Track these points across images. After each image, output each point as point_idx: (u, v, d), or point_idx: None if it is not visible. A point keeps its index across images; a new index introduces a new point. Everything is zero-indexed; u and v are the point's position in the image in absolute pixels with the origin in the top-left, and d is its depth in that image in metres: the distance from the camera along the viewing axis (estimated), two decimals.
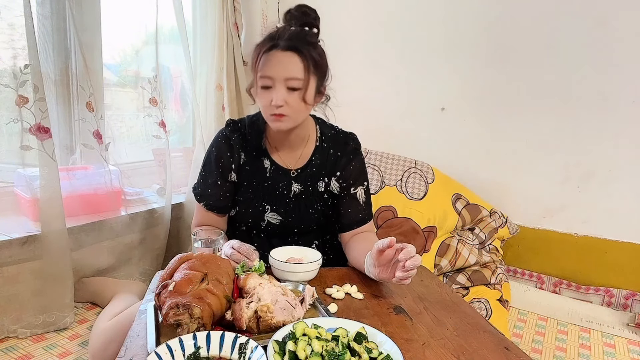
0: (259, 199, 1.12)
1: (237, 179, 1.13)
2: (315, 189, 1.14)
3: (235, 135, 1.12)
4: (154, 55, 1.77)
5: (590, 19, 1.77)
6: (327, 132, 1.16)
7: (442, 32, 2.09)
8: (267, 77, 0.97)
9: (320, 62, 1.01)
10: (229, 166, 1.12)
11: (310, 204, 1.14)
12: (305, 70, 0.98)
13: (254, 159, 1.12)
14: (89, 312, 1.50)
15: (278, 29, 1.00)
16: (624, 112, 1.76)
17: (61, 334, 1.36)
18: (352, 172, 1.14)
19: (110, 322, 1.20)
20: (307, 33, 1.01)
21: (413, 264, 0.81)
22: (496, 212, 1.89)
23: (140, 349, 0.66)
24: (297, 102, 0.99)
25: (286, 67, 0.96)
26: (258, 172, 1.12)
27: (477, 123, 2.06)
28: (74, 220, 1.50)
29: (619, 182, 1.80)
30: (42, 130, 1.31)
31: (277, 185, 1.12)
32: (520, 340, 1.52)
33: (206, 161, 1.15)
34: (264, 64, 0.98)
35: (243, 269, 0.87)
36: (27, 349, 1.26)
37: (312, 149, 1.14)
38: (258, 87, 1.01)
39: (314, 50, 0.99)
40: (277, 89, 0.97)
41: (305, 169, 1.13)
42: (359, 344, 0.64)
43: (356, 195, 1.15)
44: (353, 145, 1.17)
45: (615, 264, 1.82)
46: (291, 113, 0.99)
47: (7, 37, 1.38)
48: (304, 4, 1.02)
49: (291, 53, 0.96)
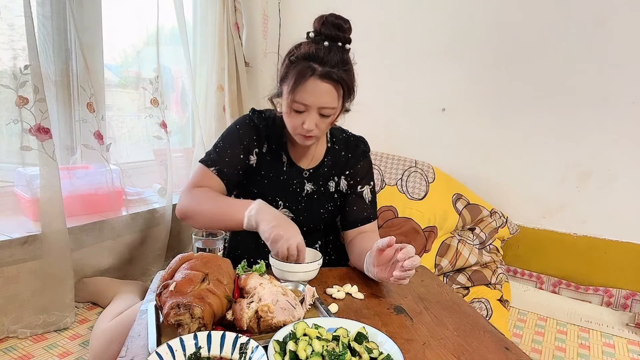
0: (273, 193, 1.13)
1: (256, 165, 1.12)
2: (326, 188, 1.16)
3: (263, 124, 1.12)
4: (154, 55, 1.77)
5: (590, 19, 1.77)
6: (338, 135, 1.20)
7: (443, 32, 2.09)
8: (302, 104, 0.98)
9: (352, 86, 1.02)
10: (251, 149, 1.11)
11: (321, 203, 1.16)
12: (340, 99, 0.99)
13: (274, 151, 1.13)
14: (89, 312, 1.51)
15: (315, 48, 0.96)
16: (624, 112, 1.76)
17: (62, 334, 1.36)
18: (360, 171, 1.18)
19: (111, 323, 1.20)
20: (344, 59, 0.98)
21: (411, 264, 0.81)
22: (496, 212, 1.89)
23: (141, 349, 0.66)
24: (326, 125, 1.02)
25: (323, 97, 0.97)
26: (276, 165, 1.13)
27: (477, 123, 2.06)
28: (74, 220, 1.50)
29: (619, 182, 1.80)
30: (42, 131, 1.32)
31: (292, 181, 1.13)
32: (520, 340, 1.52)
33: (227, 135, 1.12)
34: (301, 91, 0.96)
35: (243, 269, 0.87)
36: (27, 349, 1.26)
37: (324, 150, 1.16)
38: (288, 107, 1.01)
39: (347, 75, 0.99)
40: (310, 115, 0.98)
41: (318, 169, 1.15)
42: (360, 344, 0.65)
43: (362, 194, 1.17)
44: (363, 147, 1.20)
45: (614, 264, 1.82)
46: (319, 133, 1.02)
47: (7, 37, 1.38)
48: (338, 15, 1.00)
49: (328, 84, 0.96)
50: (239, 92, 2.29)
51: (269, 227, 0.93)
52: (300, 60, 0.97)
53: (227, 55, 2.17)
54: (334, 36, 0.97)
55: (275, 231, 0.92)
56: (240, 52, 2.28)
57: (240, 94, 2.30)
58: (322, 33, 0.97)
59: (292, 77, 0.97)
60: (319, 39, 0.97)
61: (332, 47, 0.96)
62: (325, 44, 0.96)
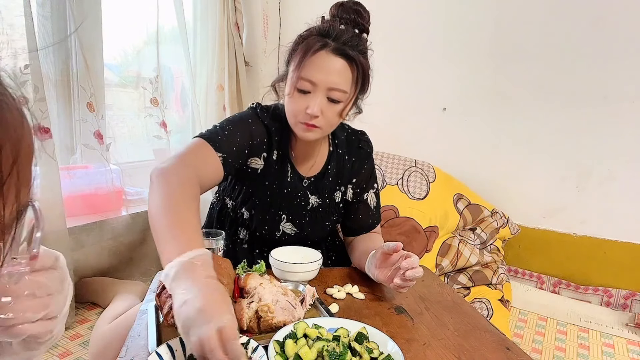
0: (276, 206, 1.02)
1: (261, 172, 0.99)
2: (332, 199, 1.08)
3: (275, 126, 0.98)
4: (155, 55, 1.77)
5: (590, 19, 1.77)
6: (340, 135, 1.09)
7: (444, 32, 2.09)
8: (309, 81, 0.86)
9: (367, 75, 0.91)
10: (259, 152, 0.97)
11: (327, 216, 1.08)
12: (352, 84, 0.88)
13: (281, 161, 1.00)
14: (89, 312, 1.50)
15: (330, 25, 0.87)
16: (624, 112, 1.76)
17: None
18: (364, 177, 1.10)
19: (109, 325, 1.19)
20: (361, 39, 0.89)
21: (413, 275, 0.79)
22: (497, 212, 1.89)
23: (141, 349, 0.66)
24: (334, 115, 0.89)
25: (334, 75, 0.85)
26: (280, 177, 1.01)
27: (478, 123, 2.06)
28: (74, 220, 1.50)
29: (618, 182, 1.80)
30: (42, 131, 1.31)
31: (296, 194, 1.03)
32: (521, 340, 1.52)
33: (238, 123, 0.95)
34: (309, 65, 0.85)
35: (243, 269, 0.87)
36: None
37: (326, 154, 1.06)
38: (292, 87, 0.88)
39: (364, 60, 0.88)
40: (316, 96, 0.86)
41: (322, 179, 1.05)
42: (360, 344, 0.65)
43: (367, 201, 1.11)
44: (367, 149, 1.11)
45: (614, 264, 1.82)
46: (324, 125, 0.90)
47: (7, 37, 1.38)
48: (359, 2, 0.90)
49: (342, 60, 0.85)
50: (238, 91, 2.29)
51: (178, 307, 0.57)
52: (313, 35, 0.86)
53: (227, 54, 2.17)
54: (351, 19, 0.88)
55: (185, 314, 0.55)
56: (241, 52, 2.28)
57: (240, 94, 2.30)
58: (338, 16, 0.89)
59: (300, 51, 0.86)
60: (335, 19, 0.88)
61: (348, 29, 0.87)
62: (342, 27, 0.86)
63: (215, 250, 1.00)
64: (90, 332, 1.34)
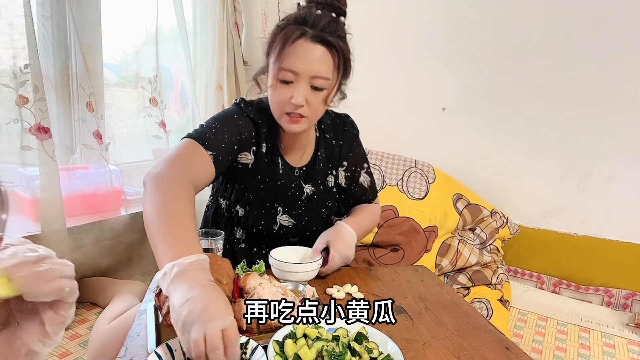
0: (271, 200, 1.03)
1: (252, 167, 0.99)
2: (325, 185, 1.09)
3: (262, 119, 0.98)
4: (154, 55, 1.77)
5: (591, 18, 1.77)
6: (325, 120, 1.09)
7: (443, 32, 2.09)
8: (291, 71, 0.85)
9: (349, 60, 0.91)
10: (248, 146, 0.98)
11: (322, 202, 1.09)
12: (335, 70, 0.88)
13: (271, 153, 1.01)
14: (89, 312, 1.50)
15: (307, 11, 0.87)
16: (624, 112, 1.75)
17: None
18: (354, 159, 1.12)
19: (109, 325, 1.18)
20: (339, 24, 0.89)
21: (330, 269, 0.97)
22: (497, 212, 1.89)
23: (141, 349, 0.66)
24: (318, 103, 0.89)
25: (315, 63, 0.85)
26: (272, 169, 1.01)
27: (477, 123, 2.06)
28: (74, 220, 1.50)
29: (618, 182, 1.80)
30: (42, 131, 1.31)
31: (289, 185, 1.04)
32: (521, 340, 1.52)
33: (224, 120, 0.94)
34: (289, 55, 0.84)
35: (243, 269, 0.87)
36: None
37: (314, 142, 1.06)
38: (274, 78, 0.88)
39: (344, 45, 0.88)
40: (299, 86, 0.86)
41: (313, 166, 1.06)
42: (360, 344, 0.64)
43: (361, 183, 1.14)
44: (352, 130, 1.12)
45: (614, 264, 1.81)
46: (310, 114, 0.90)
47: (7, 37, 1.38)
48: None
49: (322, 47, 0.85)
50: (237, 91, 2.29)
51: (180, 304, 0.57)
52: (291, 24, 0.86)
53: (227, 54, 2.17)
54: (327, 3, 0.88)
55: (187, 310, 0.56)
56: (240, 52, 2.28)
57: (239, 94, 2.30)
58: (314, 0, 0.89)
59: (279, 41, 0.86)
60: (311, 5, 0.88)
61: (325, 14, 0.87)
62: (318, 12, 0.86)
63: (214, 250, 1.00)
64: (89, 332, 1.34)
